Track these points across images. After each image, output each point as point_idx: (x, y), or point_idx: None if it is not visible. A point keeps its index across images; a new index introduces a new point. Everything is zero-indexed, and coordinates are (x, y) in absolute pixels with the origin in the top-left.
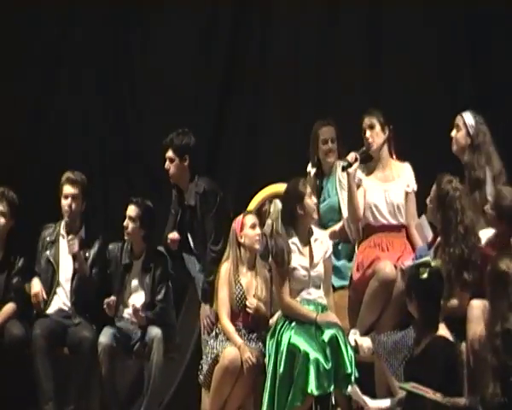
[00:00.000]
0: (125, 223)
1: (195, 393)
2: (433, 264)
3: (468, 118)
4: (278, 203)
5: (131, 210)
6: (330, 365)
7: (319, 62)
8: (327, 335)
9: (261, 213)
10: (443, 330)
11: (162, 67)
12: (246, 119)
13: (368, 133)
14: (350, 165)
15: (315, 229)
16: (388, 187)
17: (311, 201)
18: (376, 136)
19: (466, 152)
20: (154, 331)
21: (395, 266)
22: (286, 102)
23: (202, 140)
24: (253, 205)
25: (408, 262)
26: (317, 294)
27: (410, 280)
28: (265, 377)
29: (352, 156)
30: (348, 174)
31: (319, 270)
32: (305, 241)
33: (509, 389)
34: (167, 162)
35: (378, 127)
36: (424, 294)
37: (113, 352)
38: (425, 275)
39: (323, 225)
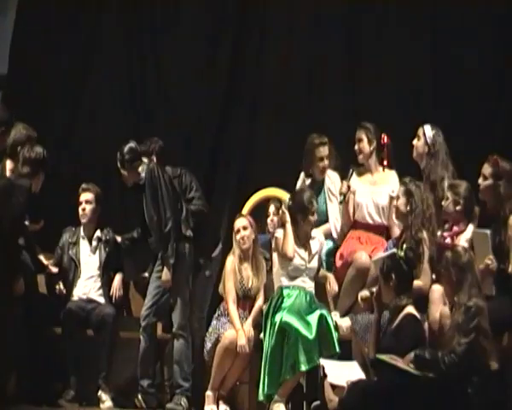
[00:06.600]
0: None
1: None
2: (399, 254)
3: (428, 129)
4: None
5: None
6: (315, 335)
7: (314, 76)
8: (316, 314)
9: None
10: (411, 309)
11: (169, 88)
12: (244, 132)
13: (356, 146)
14: (345, 196)
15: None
16: (375, 190)
17: (313, 218)
18: (363, 148)
19: (424, 159)
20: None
21: (370, 257)
22: (278, 119)
23: (205, 149)
24: (246, 208)
25: (379, 254)
26: (309, 284)
27: (389, 263)
28: (262, 353)
29: (345, 188)
30: (345, 202)
31: (315, 264)
32: (304, 240)
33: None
34: None
35: (365, 140)
36: (402, 271)
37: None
38: (402, 254)
39: None
